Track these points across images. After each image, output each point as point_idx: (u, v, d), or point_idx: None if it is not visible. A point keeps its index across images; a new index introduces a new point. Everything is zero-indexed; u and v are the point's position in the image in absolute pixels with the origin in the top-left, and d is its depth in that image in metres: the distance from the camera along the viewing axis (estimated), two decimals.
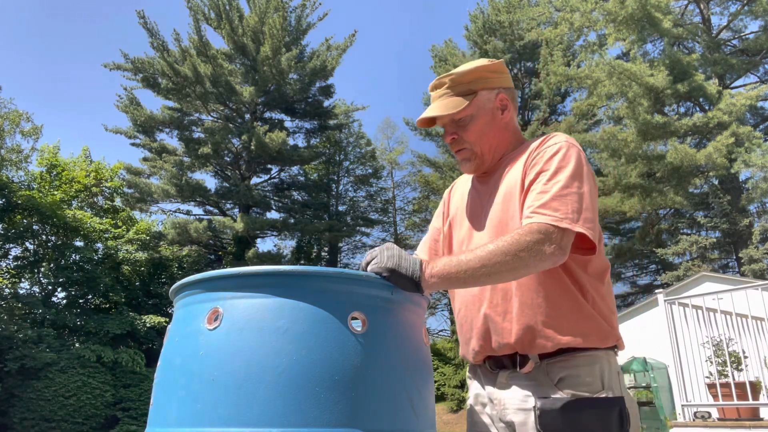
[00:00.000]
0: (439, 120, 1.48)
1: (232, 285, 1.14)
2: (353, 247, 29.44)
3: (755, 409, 5.21)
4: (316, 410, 1.03)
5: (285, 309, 1.09)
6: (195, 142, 20.97)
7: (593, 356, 1.28)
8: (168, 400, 1.12)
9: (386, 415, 1.10)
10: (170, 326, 1.24)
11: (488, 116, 1.45)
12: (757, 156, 14.98)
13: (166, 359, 1.18)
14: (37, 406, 13.93)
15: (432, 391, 1.28)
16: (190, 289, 1.21)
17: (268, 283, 1.12)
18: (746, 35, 19.93)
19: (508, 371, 1.33)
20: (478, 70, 1.46)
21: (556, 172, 1.29)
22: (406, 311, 1.24)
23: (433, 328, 27.67)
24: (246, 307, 1.10)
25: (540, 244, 1.20)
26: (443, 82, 1.46)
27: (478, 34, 23.21)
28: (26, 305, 15.83)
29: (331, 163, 27.43)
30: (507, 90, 1.49)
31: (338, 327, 1.09)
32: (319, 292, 1.11)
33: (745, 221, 16.84)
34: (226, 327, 1.09)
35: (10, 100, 22.82)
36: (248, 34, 21.25)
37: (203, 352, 1.09)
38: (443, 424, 17.64)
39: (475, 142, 1.46)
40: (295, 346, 1.06)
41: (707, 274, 11.27)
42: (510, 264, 1.19)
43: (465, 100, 1.43)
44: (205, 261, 21.57)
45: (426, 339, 1.30)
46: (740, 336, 5.81)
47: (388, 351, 1.14)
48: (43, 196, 16.65)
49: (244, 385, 1.03)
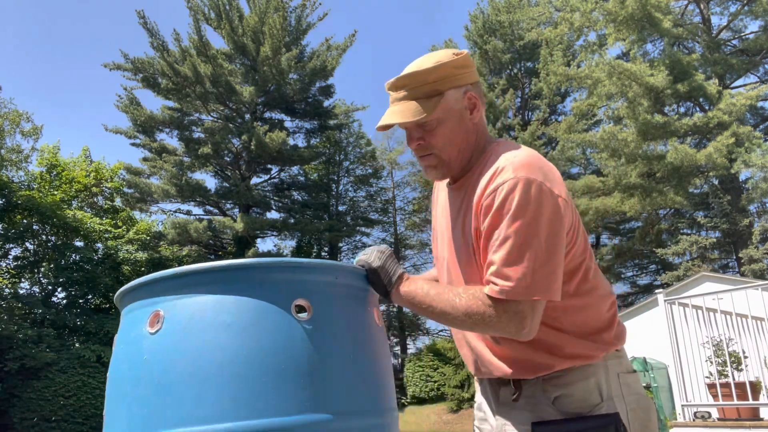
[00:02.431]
0: (402, 124, 1.33)
1: (172, 286, 1.13)
2: (353, 247, 29.44)
3: (755, 409, 5.21)
4: (266, 401, 1.02)
5: (226, 304, 1.08)
6: (195, 142, 20.97)
7: (587, 370, 1.25)
8: (117, 408, 1.11)
9: (341, 399, 1.10)
10: (116, 335, 1.23)
11: (456, 118, 1.32)
12: (757, 156, 14.98)
13: (113, 368, 1.18)
14: (37, 406, 13.93)
15: (389, 371, 1.28)
16: (131, 294, 1.19)
17: (208, 281, 1.11)
18: (746, 35, 19.93)
19: (508, 388, 1.33)
20: (443, 67, 1.30)
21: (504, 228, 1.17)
22: (354, 294, 1.24)
23: (434, 329, 27.65)
24: (187, 307, 1.09)
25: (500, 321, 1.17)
26: (404, 83, 1.32)
27: (478, 34, 23.21)
28: (26, 305, 15.84)
29: (331, 163, 27.42)
30: (474, 86, 1.35)
31: (283, 316, 1.09)
32: (260, 284, 1.11)
33: (745, 221, 16.84)
34: (167, 329, 1.09)
35: (10, 100, 22.87)
36: (248, 34, 21.24)
37: (147, 357, 1.08)
38: (443, 424, 17.64)
39: (442, 148, 1.33)
40: (239, 339, 1.05)
41: (707, 274, 11.26)
42: (465, 325, 1.23)
43: (430, 101, 1.29)
44: (205, 261, 21.53)
45: (379, 320, 1.30)
46: (740, 336, 5.81)
47: (337, 334, 1.14)
48: (43, 196, 16.66)
49: (190, 385, 1.03)
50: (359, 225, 26.89)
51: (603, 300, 1.31)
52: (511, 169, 1.20)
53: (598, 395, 1.23)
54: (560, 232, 1.20)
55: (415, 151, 1.37)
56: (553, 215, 1.18)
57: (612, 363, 1.28)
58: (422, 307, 1.26)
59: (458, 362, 19.08)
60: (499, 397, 1.35)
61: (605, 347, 1.27)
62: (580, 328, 1.27)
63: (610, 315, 1.32)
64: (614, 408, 1.22)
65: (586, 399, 1.23)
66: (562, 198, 1.21)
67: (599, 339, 1.28)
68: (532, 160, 1.23)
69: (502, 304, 1.17)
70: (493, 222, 1.19)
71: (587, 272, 1.29)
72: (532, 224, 1.16)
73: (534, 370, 1.27)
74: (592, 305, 1.30)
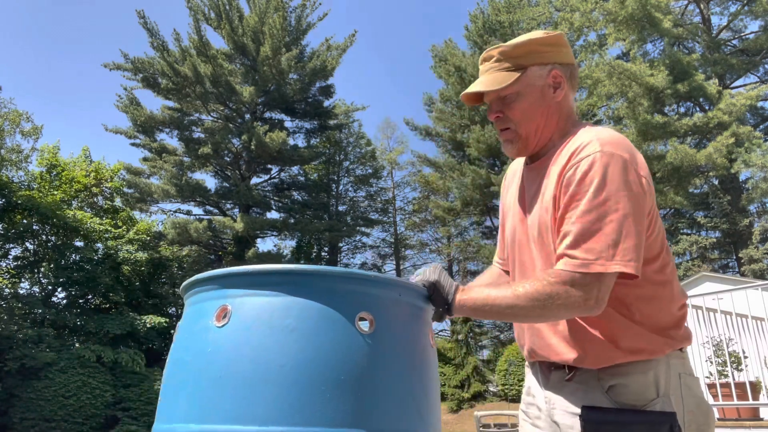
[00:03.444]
0: (485, 96, 1.37)
1: (241, 283, 1.14)
2: (353, 247, 29.45)
3: (755, 409, 5.21)
4: (321, 409, 1.03)
5: (293, 308, 1.09)
6: (195, 142, 20.97)
7: (647, 364, 1.23)
8: (175, 396, 1.13)
9: (391, 416, 1.09)
10: (180, 323, 1.25)
11: (536, 94, 1.33)
12: (757, 156, 14.98)
13: (175, 355, 1.19)
14: (37, 406, 13.92)
15: (438, 393, 1.28)
16: (200, 286, 1.21)
17: (278, 282, 1.12)
18: (746, 35, 19.94)
19: (560, 371, 1.32)
20: (530, 43, 1.33)
21: (588, 200, 1.17)
22: (414, 313, 1.24)
23: (434, 328, 27.61)
24: (255, 305, 1.11)
25: (573, 297, 1.15)
26: (492, 54, 1.36)
27: (478, 34, 23.20)
28: (26, 305, 15.83)
29: (331, 163, 27.42)
30: (564, 66, 1.35)
31: (346, 326, 1.09)
32: (327, 292, 1.11)
33: (745, 221, 16.85)
34: (234, 325, 1.10)
35: (10, 100, 22.80)
36: (248, 34, 21.24)
37: (211, 349, 1.10)
38: (443, 424, 17.63)
39: (519, 122, 1.34)
40: (302, 344, 1.06)
41: (707, 274, 11.25)
42: (536, 312, 1.19)
43: (512, 75, 1.31)
44: (205, 261, 21.57)
45: (432, 341, 1.30)
46: (740, 336, 5.81)
47: (395, 352, 1.14)
48: (43, 196, 16.65)
49: (250, 383, 1.04)
50: (359, 225, 26.87)
51: (675, 299, 1.30)
52: (598, 144, 1.21)
53: (654, 390, 1.21)
54: (642, 209, 1.19)
55: (494, 123, 1.39)
56: (636, 192, 1.18)
57: (675, 362, 1.26)
58: (485, 309, 1.24)
59: (458, 362, 19.08)
60: (550, 379, 1.34)
61: (671, 343, 1.25)
62: (649, 320, 1.25)
63: (680, 315, 1.31)
64: (671, 407, 1.20)
65: (642, 392, 1.21)
66: (645, 179, 1.21)
67: (666, 334, 1.26)
68: (619, 139, 1.24)
69: (574, 278, 1.16)
70: (575, 193, 1.19)
71: (664, 266, 1.29)
72: (614, 198, 1.16)
73: (595, 361, 1.24)
74: (664, 299, 1.28)
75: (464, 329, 19.50)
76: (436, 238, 28.55)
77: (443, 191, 25.51)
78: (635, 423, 1.18)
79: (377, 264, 28.77)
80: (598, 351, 1.24)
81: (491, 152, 21.86)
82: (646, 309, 1.25)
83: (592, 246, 1.15)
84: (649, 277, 1.25)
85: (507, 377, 17.00)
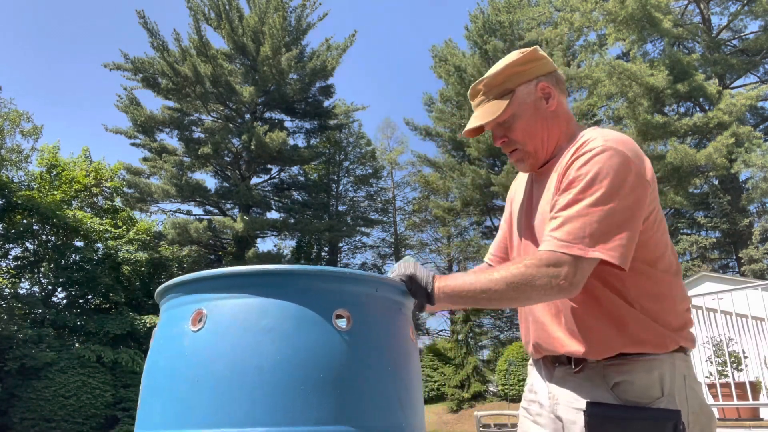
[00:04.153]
0: (486, 126, 1.43)
1: (216, 286, 1.13)
2: (353, 247, 29.45)
3: (755, 409, 5.21)
4: (301, 409, 1.02)
5: (269, 308, 1.09)
6: (195, 142, 20.97)
7: (652, 361, 1.24)
8: (153, 402, 1.12)
9: (374, 412, 1.09)
10: (156, 329, 1.25)
11: (531, 110, 1.38)
12: (757, 156, 14.98)
13: (152, 361, 1.19)
14: (37, 406, 13.93)
15: (420, 387, 1.28)
16: (174, 291, 1.20)
17: (252, 283, 1.11)
18: (746, 35, 19.94)
19: (565, 367, 1.33)
20: (508, 67, 1.39)
21: (582, 188, 1.20)
22: (391, 307, 1.24)
23: (433, 328, 27.63)
24: (230, 308, 1.10)
25: (545, 277, 1.17)
26: (478, 89, 1.42)
27: (478, 34, 23.19)
28: (26, 305, 15.84)
29: (331, 163, 27.42)
30: (548, 76, 1.41)
31: (322, 325, 1.09)
32: (303, 291, 1.11)
33: (745, 221, 16.85)
34: (210, 328, 1.09)
35: (10, 100, 22.82)
36: (248, 34, 21.25)
37: (187, 354, 1.09)
38: (443, 424, 17.63)
39: (524, 141, 1.39)
40: (279, 345, 1.06)
41: (707, 274, 11.26)
42: (510, 294, 1.20)
43: (503, 102, 1.37)
44: (205, 261, 21.57)
45: (413, 335, 1.30)
46: (740, 336, 5.81)
47: (374, 347, 1.14)
48: (43, 196, 16.66)
49: (228, 386, 1.03)
50: (359, 225, 26.87)
51: (681, 300, 1.32)
52: (601, 139, 1.25)
53: (659, 389, 1.22)
54: (637, 206, 1.21)
55: (503, 149, 1.45)
56: (633, 188, 1.20)
57: (679, 363, 1.27)
58: (462, 295, 1.25)
59: (458, 362, 19.08)
60: (554, 374, 1.35)
61: (675, 338, 1.26)
62: (654, 314, 1.26)
63: (685, 317, 1.32)
64: (675, 405, 1.20)
65: (647, 390, 1.21)
66: (647, 179, 1.23)
67: (671, 329, 1.27)
68: (624, 139, 1.27)
69: (550, 258, 1.17)
70: (572, 181, 1.23)
71: (670, 267, 1.31)
72: (608, 190, 1.18)
73: (600, 350, 1.25)
74: (670, 298, 1.29)
75: (464, 329, 19.49)
76: (436, 238, 28.57)
77: (443, 191, 25.51)
78: (640, 419, 1.18)
79: (377, 264, 28.78)
80: (604, 339, 1.25)
81: (491, 152, 21.86)
82: (653, 306, 1.26)
83: (574, 230, 1.18)
84: (655, 276, 1.27)
85: (507, 377, 17.00)
